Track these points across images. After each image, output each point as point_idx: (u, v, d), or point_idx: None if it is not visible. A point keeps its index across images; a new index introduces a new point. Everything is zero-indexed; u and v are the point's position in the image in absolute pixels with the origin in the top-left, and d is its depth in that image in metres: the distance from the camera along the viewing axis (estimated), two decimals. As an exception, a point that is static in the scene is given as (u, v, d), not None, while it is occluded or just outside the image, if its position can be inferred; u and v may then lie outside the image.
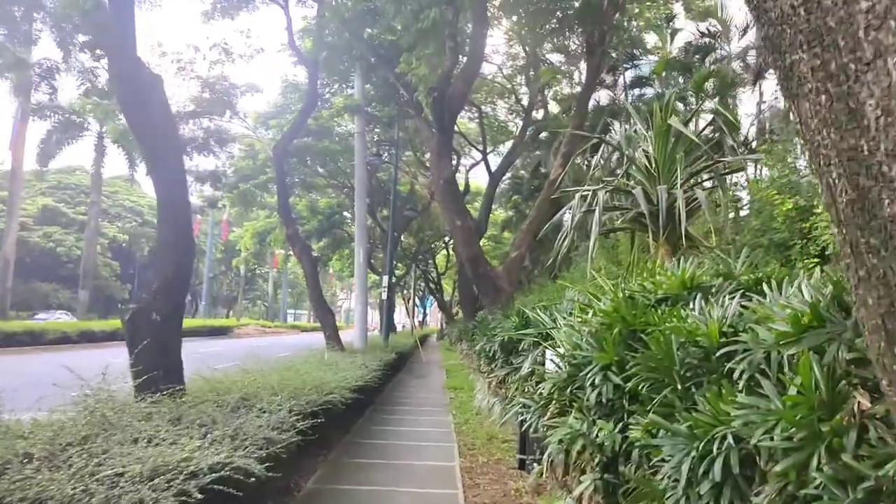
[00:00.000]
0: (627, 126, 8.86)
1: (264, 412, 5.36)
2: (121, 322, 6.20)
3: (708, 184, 8.15)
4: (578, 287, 7.73)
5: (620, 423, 3.86)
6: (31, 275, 44.27)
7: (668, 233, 7.31)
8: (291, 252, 19.55)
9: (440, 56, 11.17)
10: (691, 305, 3.75)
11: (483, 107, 26.95)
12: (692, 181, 7.33)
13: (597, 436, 3.98)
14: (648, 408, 3.32)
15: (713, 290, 4.07)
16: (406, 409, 11.93)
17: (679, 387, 3.20)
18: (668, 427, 2.88)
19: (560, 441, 4.19)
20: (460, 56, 12.83)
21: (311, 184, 26.46)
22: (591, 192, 7.49)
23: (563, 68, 19.65)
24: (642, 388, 3.51)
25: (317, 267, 16.95)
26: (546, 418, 4.82)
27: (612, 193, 7.97)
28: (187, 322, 41.82)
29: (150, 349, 5.54)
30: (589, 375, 4.23)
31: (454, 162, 19.98)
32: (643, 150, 7.69)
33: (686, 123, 7.68)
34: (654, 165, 7.32)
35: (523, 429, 7.16)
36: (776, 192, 7.53)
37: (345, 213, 34.81)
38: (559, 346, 7.85)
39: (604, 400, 4.00)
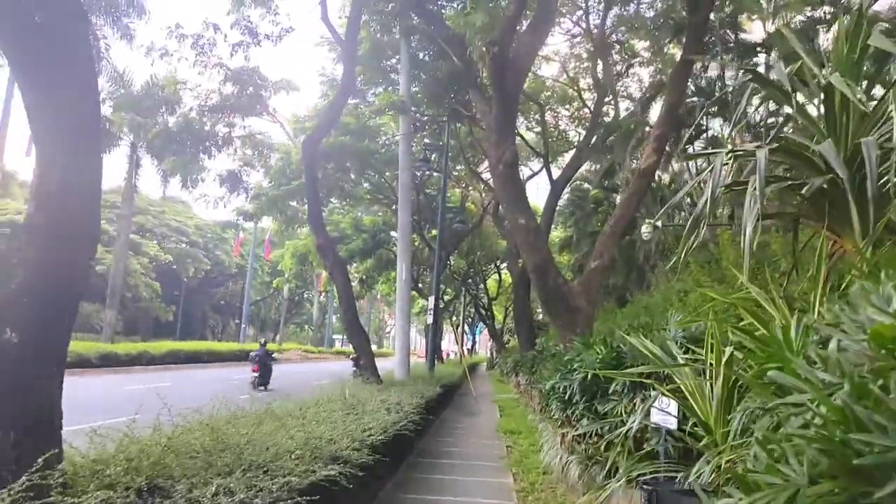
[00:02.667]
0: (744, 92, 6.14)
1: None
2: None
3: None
4: (720, 297, 5.09)
5: None
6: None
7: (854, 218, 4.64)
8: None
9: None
10: None
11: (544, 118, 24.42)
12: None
13: None
14: None
15: None
16: (452, 465, 9.26)
17: None
18: None
19: None
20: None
21: (350, 193, 24.19)
22: (733, 156, 4.84)
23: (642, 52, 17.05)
24: None
25: (350, 283, 14.57)
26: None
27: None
28: (221, 346, 40.14)
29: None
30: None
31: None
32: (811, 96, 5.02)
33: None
34: (838, 114, 4.66)
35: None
36: None
37: (391, 233, 32.55)
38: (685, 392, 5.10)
39: None
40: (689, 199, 17.96)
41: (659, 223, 14.08)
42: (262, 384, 19.41)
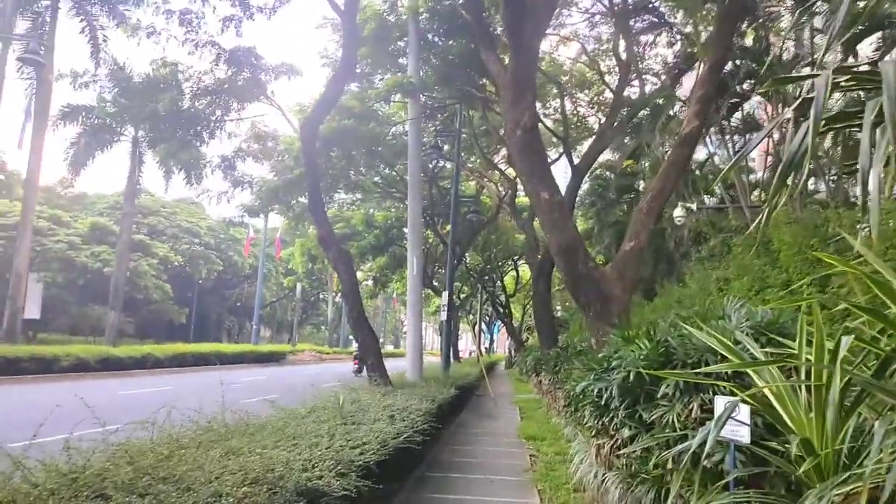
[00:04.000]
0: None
1: None
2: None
3: None
4: (844, 265, 3.82)
5: None
6: (85, 298, 42.41)
7: None
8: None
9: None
10: None
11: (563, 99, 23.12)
12: None
13: None
14: None
15: None
16: (468, 480, 8.02)
17: None
18: None
19: None
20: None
21: (359, 184, 22.99)
22: (829, 77, 3.54)
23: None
24: None
25: (356, 277, 13.41)
26: None
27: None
28: (231, 347, 39.00)
29: None
30: None
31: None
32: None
33: None
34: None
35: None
36: None
37: (404, 229, 31.39)
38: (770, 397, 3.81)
39: None
40: (721, 184, 16.64)
41: (694, 206, 12.79)
42: (359, 372, 24.03)
